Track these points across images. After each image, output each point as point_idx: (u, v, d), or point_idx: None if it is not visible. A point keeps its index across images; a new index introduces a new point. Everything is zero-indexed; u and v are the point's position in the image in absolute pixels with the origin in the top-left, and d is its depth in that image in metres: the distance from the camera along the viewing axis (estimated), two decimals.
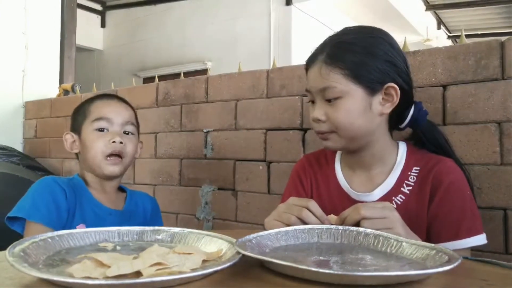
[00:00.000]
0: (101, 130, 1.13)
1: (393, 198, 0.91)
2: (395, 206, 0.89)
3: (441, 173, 0.88)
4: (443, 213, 0.87)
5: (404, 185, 0.91)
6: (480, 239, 0.87)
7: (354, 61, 0.85)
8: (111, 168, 1.12)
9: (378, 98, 0.87)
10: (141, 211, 1.23)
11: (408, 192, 0.91)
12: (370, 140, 0.91)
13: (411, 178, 0.91)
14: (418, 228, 0.86)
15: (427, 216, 0.88)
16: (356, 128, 0.87)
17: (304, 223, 0.75)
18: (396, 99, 0.88)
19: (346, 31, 0.90)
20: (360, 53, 0.85)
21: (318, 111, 0.88)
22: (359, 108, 0.86)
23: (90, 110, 1.16)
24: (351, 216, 0.73)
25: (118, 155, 1.13)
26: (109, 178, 1.15)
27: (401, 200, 0.90)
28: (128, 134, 1.17)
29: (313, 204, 0.77)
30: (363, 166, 0.95)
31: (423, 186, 0.90)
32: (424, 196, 0.89)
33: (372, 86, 0.86)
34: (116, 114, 1.15)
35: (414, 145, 0.98)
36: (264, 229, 0.72)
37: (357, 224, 0.72)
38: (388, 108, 0.89)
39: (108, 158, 1.12)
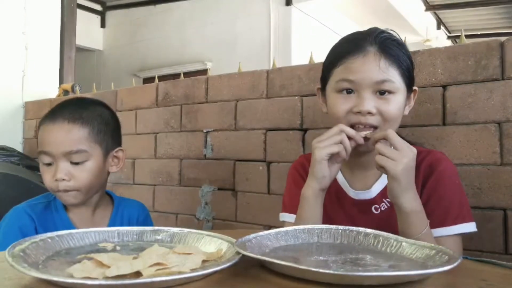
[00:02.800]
0: (47, 163, 0.99)
1: None
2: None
3: (431, 162, 0.90)
4: (433, 201, 0.88)
5: None
6: (468, 227, 0.87)
7: (404, 60, 0.88)
8: (68, 200, 1.00)
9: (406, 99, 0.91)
10: (126, 225, 1.09)
11: None
12: None
13: None
14: None
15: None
16: (396, 126, 0.90)
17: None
18: (413, 103, 0.93)
19: (384, 30, 0.91)
20: (405, 54, 0.89)
21: (370, 104, 0.85)
22: (402, 106, 0.89)
23: (38, 136, 1.03)
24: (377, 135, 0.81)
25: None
26: (72, 206, 1.03)
27: None
28: (78, 163, 0.99)
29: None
30: (362, 166, 0.96)
31: (415, 177, 0.90)
32: (416, 186, 0.89)
33: (409, 87, 0.90)
34: (56, 146, 0.97)
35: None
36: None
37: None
38: (407, 110, 0.93)
39: (56, 192, 1.00)
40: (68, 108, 1.02)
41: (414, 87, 0.93)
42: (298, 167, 1.06)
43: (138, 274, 0.48)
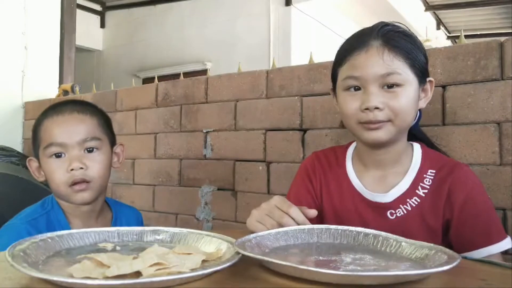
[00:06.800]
0: (57, 155, 0.97)
1: (408, 200, 0.88)
2: (410, 209, 0.88)
3: (459, 178, 0.86)
4: (471, 220, 0.84)
5: (419, 187, 0.88)
6: (509, 242, 0.84)
7: (412, 51, 0.85)
8: (79, 197, 0.98)
9: (420, 91, 0.88)
10: None
11: (423, 195, 0.88)
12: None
13: (426, 180, 0.89)
14: (432, 231, 0.85)
15: (442, 220, 0.86)
16: (409, 119, 0.86)
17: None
18: (431, 94, 0.89)
19: (389, 23, 0.89)
20: (413, 44, 0.86)
21: (376, 99, 0.82)
22: (414, 99, 0.85)
23: (40, 134, 1.01)
24: None
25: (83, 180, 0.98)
26: (83, 205, 1.01)
27: (416, 203, 0.88)
28: (92, 150, 1.00)
29: (295, 210, 0.75)
30: (377, 165, 0.92)
31: (439, 190, 0.87)
32: (439, 200, 0.86)
33: (421, 79, 0.86)
34: (69, 135, 0.97)
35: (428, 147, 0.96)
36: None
37: None
38: (423, 103, 0.89)
39: (71, 186, 0.97)
40: (71, 103, 1.04)
41: (430, 78, 0.89)
42: (307, 165, 1.03)
43: (138, 274, 0.48)
